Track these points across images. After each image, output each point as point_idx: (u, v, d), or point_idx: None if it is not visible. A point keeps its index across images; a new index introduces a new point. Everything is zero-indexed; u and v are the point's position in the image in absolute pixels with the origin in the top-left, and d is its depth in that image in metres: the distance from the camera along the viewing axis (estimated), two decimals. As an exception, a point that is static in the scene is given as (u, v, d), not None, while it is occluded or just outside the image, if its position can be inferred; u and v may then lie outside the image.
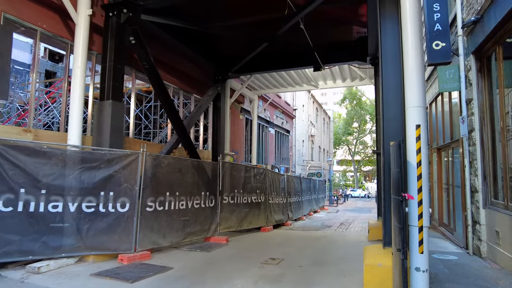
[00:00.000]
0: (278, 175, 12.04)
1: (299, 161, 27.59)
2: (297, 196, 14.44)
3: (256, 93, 14.74)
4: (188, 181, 7.71)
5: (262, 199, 10.29)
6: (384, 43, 4.73)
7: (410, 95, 3.80)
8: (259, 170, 10.46)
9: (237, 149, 14.28)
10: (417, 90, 3.76)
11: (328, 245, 8.13)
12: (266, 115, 18.23)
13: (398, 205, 3.48)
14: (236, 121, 14.40)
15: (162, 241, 6.90)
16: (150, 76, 7.82)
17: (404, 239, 3.19)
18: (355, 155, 57.87)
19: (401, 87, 4.54)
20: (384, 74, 4.70)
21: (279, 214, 11.66)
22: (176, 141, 8.60)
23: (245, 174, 9.65)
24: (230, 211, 8.89)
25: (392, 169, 4.00)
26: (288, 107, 23.45)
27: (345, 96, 55.50)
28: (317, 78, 13.23)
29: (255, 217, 9.88)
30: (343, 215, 17.91)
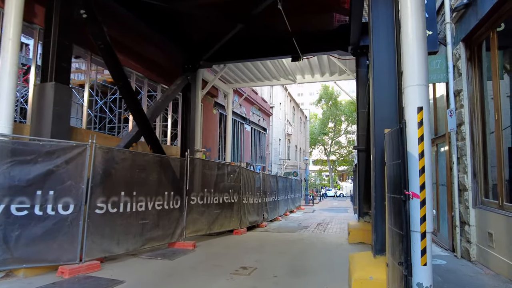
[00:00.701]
0: (253, 174, 11.25)
1: (276, 160, 26.99)
2: (273, 196, 13.73)
3: (231, 86, 13.88)
4: (149, 179, 6.73)
5: (236, 199, 9.46)
6: (375, 11, 4.04)
7: (410, 70, 3.11)
8: (233, 168, 9.63)
9: (210, 146, 13.35)
10: (418, 64, 3.07)
11: (307, 249, 7.43)
12: (242, 111, 17.40)
13: (398, 206, 2.78)
14: (209, 116, 13.47)
15: (116, 249, 5.90)
16: (106, 58, 6.76)
17: (408, 250, 2.49)
18: (330, 155, 58.41)
19: (395, 64, 3.89)
20: (375, 49, 4.02)
21: (254, 215, 10.87)
22: (136, 134, 7.58)
23: (217, 172, 8.78)
24: (198, 213, 7.98)
25: (388, 162, 3.30)
26: (265, 104, 22.76)
27: (321, 96, 55.89)
28: (295, 72, 12.59)
29: (227, 219, 9.03)
30: (319, 215, 17.44)
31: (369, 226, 7.88)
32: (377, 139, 3.78)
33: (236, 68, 12.14)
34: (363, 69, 8.53)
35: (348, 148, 58.80)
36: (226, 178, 9.17)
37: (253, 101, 19.04)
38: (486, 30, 5.47)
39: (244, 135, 17.92)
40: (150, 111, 8.43)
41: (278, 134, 27.73)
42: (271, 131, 26.27)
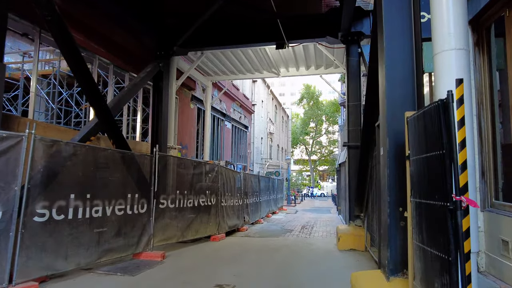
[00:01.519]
0: (233, 173, 10.31)
1: (258, 159, 26.13)
2: (255, 197, 12.83)
3: (210, 79, 12.87)
4: (108, 179, 5.65)
5: (213, 202, 8.48)
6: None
7: (443, 31, 2.28)
8: (210, 166, 8.64)
9: (186, 143, 12.28)
10: (455, 20, 2.24)
11: (293, 257, 6.57)
12: (222, 107, 16.40)
13: (437, 217, 1.93)
14: (185, 111, 12.39)
15: (63, 264, 4.80)
16: (56, 33, 5.61)
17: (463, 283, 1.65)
18: (311, 155, 58.35)
19: (411, 34, 3.06)
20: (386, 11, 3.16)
21: (234, 218, 9.93)
22: (95, 126, 6.45)
23: (192, 172, 7.77)
24: (169, 218, 6.95)
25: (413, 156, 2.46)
26: (247, 101, 21.85)
27: (303, 95, 55.69)
28: (278, 64, 11.76)
29: (204, 224, 8.04)
30: (303, 216, 16.72)
31: (360, 230, 7.12)
32: (390, 127, 2.95)
33: (215, 58, 11.15)
34: (354, 58, 7.79)
35: (329, 148, 58.99)
36: (203, 178, 8.18)
37: (234, 97, 18.08)
38: (498, 9, 4.80)
39: (225, 132, 16.94)
40: (114, 101, 7.31)
41: (260, 133, 26.89)
42: (253, 129, 25.39)
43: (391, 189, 2.82)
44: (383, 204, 2.97)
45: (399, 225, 2.81)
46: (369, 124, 5.25)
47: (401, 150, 2.74)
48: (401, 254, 2.74)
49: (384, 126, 3.03)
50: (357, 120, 7.61)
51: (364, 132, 5.46)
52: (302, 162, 64.87)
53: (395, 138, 2.86)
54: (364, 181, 6.33)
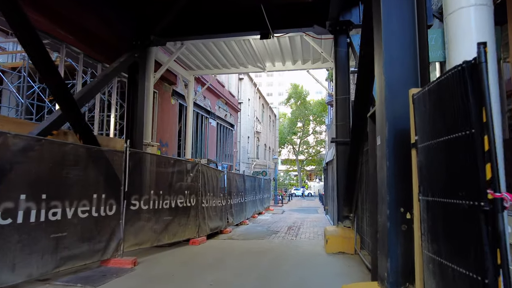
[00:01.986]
0: (216, 172, 9.73)
1: (244, 158, 25.58)
2: (239, 197, 12.29)
3: (192, 73, 12.24)
4: (69, 177, 5.00)
5: (193, 202, 7.89)
6: None
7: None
8: (190, 165, 8.04)
9: (166, 141, 11.62)
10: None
11: (278, 262, 6.05)
12: (206, 104, 15.77)
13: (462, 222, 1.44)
14: (166, 106, 11.73)
15: (10, 276, 4.14)
16: (6, 12, 4.91)
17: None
18: (299, 155, 58.28)
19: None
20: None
21: (216, 220, 9.35)
22: (58, 119, 5.77)
23: (168, 170, 7.16)
24: (142, 221, 6.33)
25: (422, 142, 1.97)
26: (233, 99, 21.27)
27: (291, 95, 55.54)
28: (264, 58, 11.26)
29: (182, 226, 7.43)
30: (289, 216, 16.28)
31: (349, 232, 6.67)
32: (389, 111, 2.46)
33: (197, 50, 10.55)
34: (342, 48, 7.35)
35: (316, 147, 59.05)
36: (181, 177, 7.58)
37: (219, 93, 17.47)
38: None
39: (209, 130, 16.31)
40: (82, 92, 6.63)
41: (246, 132, 26.36)
42: (239, 128, 24.83)
43: (390, 185, 2.33)
44: (381, 204, 2.49)
45: (401, 229, 2.32)
46: (360, 117, 4.80)
47: (402, 137, 2.27)
48: (404, 264, 2.26)
49: (381, 111, 2.55)
50: (346, 114, 7.17)
51: (355, 125, 5.00)
52: (289, 162, 64.80)
53: (395, 123, 2.38)
54: (353, 179, 5.88)
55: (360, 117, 4.81)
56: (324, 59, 11.14)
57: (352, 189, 6.04)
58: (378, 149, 2.63)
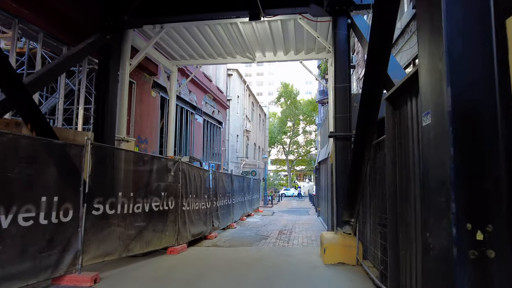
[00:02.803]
0: (200, 171, 8.75)
1: (233, 157, 24.61)
2: (226, 198, 11.35)
3: (175, 63, 11.22)
4: (6, 175, 3.97)
5: (171, 205, 6.90)
6: None
7: None
8: (169, 163, 7.05)
9: (146, 137, 10.57)
10: None
11: (269, 279, 5.11)
12: (192, 99, 14.74)
13: None
14: (146, 99, 10.68)
15: None
16: None
17: None
18: (289, 154, 57.71)
19: None
20: None
21: (200, 224, 8.38)
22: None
23: (142, 168, 6.16)
24: (108, 228, 5.32)
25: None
26: (221, 95, 20.27)
27: (281, 94, 54.90)
28: (254, 47, 10.33)
29: (158, 233, 6.44)
30: (280, 218, 15.41)
31: (350, 240, 5.81)
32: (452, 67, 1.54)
33: (179, 36, 9.54)
34: (342, 31, 6.50)
35: (305, 147, 58.55)
36: (158, 177, 6.58)
37: (206, 88, 16.46)
38: None
39: (195, 127, 15.28)
40: (35, 75, 5.56)
41: (235, 130, 25.39)
42: (228, 126, 23.84)
43: (457, 186, 1.44)
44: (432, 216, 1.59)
45: (469, 258, 1.44)
46: (370, 103, 3.93)
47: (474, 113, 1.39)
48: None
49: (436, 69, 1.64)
50: (346, 105, 6.32)
51: (363, 114, 4.14)
52: (279, 162, 64.17)
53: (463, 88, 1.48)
54: (357, 179, 5.02)
55: (370, 103, 3.94)
56: (319, 49, 10.30)
57: (355, 191, 5.18)
58: (425, 130, 1.74)
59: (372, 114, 3.97)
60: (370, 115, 4.01)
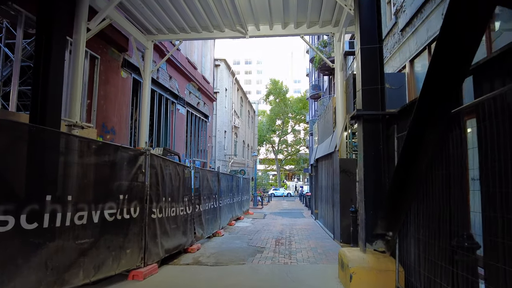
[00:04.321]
0: (178, 168, 6.90)
1: (220, 155, 22.73)
2: (212, 201, 9.52)
3: (151, 38, 9.30)
4: None
5: (135, 213, 5.03)
6: None
7: None
8: (131, 154, 5.15)
9: (113, 126, 8.61)
10: None
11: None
12: (173, 86, 12.81)
13: None
14: (113, 80, 8.72)
15: None
16: None
17: None
18: (278, 153, 56.26)
19: None
20: None
21: (177, 235, 6.54)
22: None
23: (87, 161, 4.26)
24: (24, 251, 3.42)
25: None
26: (208, 86, 18.37)
27: (270, 91, 53.29)
28: (246, 19, 8.57)
29: (114, 252, 4.56)
30: (273, 222, 13.67)
31: (387, 262, 4.09)
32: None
33: (156, 2, 7.67)
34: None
35: (295, 146, 57.17)
36: (114, 174, 4.70)
37: (189, 75, 14.55)
38: None
39: (177, 118, 13.36)
40: None
41: (223, 125, 23.52)
42: (215, 120, 21.96)
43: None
44: None
45: None
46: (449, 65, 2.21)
47: None
48: None
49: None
50: (376, 73, 4.61)
51: (433, 80, 2.42)
52: (267, 162, 62.62)
53: None
54: (409, 175, 3.30)
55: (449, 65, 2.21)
56: (324, 22, 8.61)
57: (403, 193, 3.46)
58: None
59: (465, 51, 2.25)
60: (460, 55, 2.28)
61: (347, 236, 7.67)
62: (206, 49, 18.65)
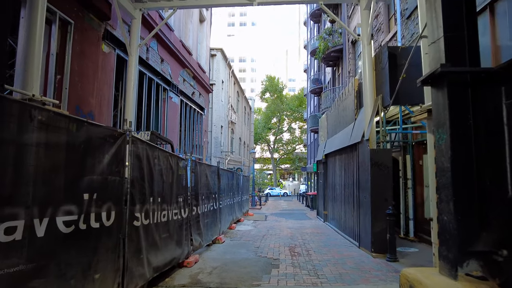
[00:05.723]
0: (171, 159, 5.35)
1: (216, 152, 21.17)
2: (212, 201, 8.00)
3: (139, 6, 7.72)
4: None
5: (108, 219, 3.48)
6: None
7: None
8: (103, 135, 3.59)
9: (91, 109, 7.02)
10: None
11: None
12: (164, 70, 11.23)
13: None
14: (91, 53, 7.12)
15: None
16: None
17: None
18: (274, 152, 54.93)
19: None
20: None
21: (169, 246, 5.00)
22: None
23: (25, 139, 2.70)
24: None
25: None
26: (203, 75, 16.80)
27: (267, 88, 51.83)
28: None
29: (71, 281, 3.01)
30: (277, 225, 12.21)
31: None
32: None
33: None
34: None
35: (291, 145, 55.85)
36: (75, 164, 3.14)
37: (184, 61, 12.97)
38: None
39: (169, 108, 11.78)
40: None
41: (219, 120, 21.95)
42: (211, 114, 20.40)
43: None
44: None
45: None
46: None
47: None
48: None
49: None
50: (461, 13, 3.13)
51: None
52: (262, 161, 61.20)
53: None
54: None
55: None
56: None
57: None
58: None
59: None
60: None
61: (380, 244, 6.24)
62: (202, 35, 17.08)
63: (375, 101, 6.60)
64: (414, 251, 6.80)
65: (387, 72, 6.22)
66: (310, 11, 27.46)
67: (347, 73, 16.20)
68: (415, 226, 8.04)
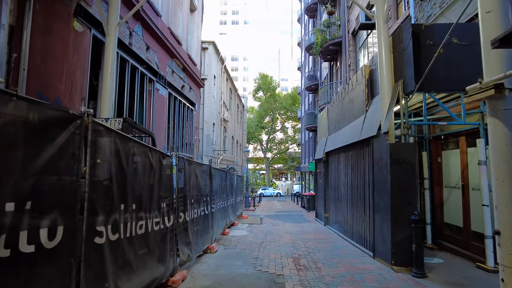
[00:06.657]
0: (152, 155, 4.30)
1: (208, 150, 20.06)
2: (203, 205, 6.95)
3: (117, -21, 6.64)
4: None
5: (51, 239, 2.41)
6: None
7: None
8: (42, 117, 2.53)
9: (59, 96, 5.89)
10: None
11: None
12: (150, 58, 10.11)
13: None
14: (59, 30, 5.98)
15: None
16: None
17: None
18: (267, 152, 54.06)
19: None
20: None
21: (148, 265, 3.94)
22: None
23: None
24: None
25: None
26: (194, 68, 15.68)
27: (260, 86, 50.86)
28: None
29: None
30: (275, 229, 11.22)
31: None
32: None
33: None
34: None
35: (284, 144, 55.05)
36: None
37: (173, 50, 11.85)
38: None
39: (156, 101, 10.66)
40: None
41: (211, 117, 20.85)
42: (203, 110, 19.30)
43: None
44: None
45: None
46: None
47: None
48: None
49: None
50: None
51: None
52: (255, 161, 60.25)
53: None
54: None
55: None
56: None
57: None
58: None
59: None
60: None
61: (402, 256, 5.29)
62: (193, 25, 15.98)
63: (394, 88, 5.65)
64: (439, 263, 5.86)
65: (411, 52, 5.27)
66: (305, 6, 26.60)
67: (346, 67, 15.32)
68: (433, 232, 7.12)
